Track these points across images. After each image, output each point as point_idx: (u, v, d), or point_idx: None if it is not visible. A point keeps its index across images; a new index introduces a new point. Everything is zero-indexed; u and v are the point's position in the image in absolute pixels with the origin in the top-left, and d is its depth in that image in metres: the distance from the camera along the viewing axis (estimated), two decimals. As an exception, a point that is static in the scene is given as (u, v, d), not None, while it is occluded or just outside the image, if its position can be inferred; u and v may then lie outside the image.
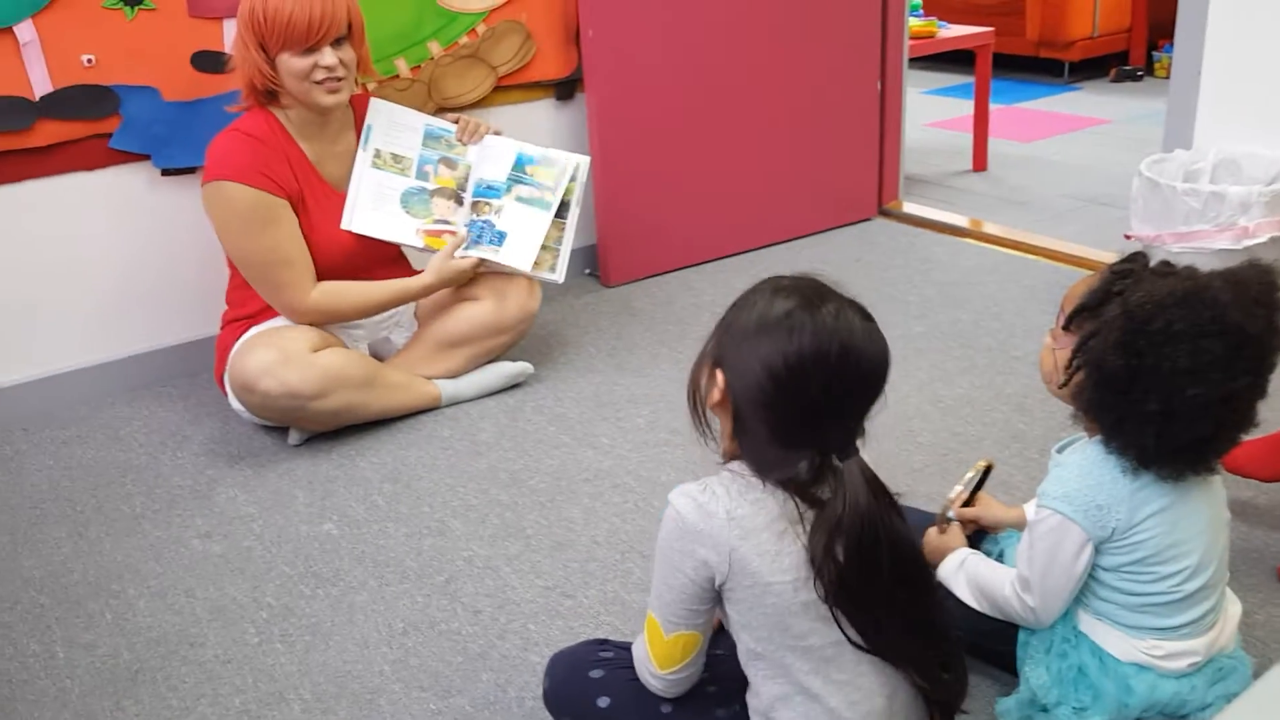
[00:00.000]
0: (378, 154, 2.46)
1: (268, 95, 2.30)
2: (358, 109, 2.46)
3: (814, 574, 1.20)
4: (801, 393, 1.18)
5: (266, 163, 2.27)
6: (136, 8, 2.49)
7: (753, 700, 1.33)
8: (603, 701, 1.41)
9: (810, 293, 1.22)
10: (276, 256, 2.31)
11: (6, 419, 2.62)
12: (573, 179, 2.55)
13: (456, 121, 2.55)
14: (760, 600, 1.23)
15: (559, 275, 2.55)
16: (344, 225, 2.41)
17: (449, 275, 2.45)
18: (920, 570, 1.29)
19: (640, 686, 1.38)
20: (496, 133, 2.57)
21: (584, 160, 2.58)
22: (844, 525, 1.19)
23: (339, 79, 2.27)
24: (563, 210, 2.55)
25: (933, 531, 1.65)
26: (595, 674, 1.43)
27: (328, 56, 2.23)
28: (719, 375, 1.25)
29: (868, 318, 1.22)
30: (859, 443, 1.24)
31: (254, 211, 2.27)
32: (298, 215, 2.34)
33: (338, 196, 2.41)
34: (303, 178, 2.34)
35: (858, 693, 1.26)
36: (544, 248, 2.51)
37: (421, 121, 2.53)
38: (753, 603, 1.24)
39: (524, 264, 2.47)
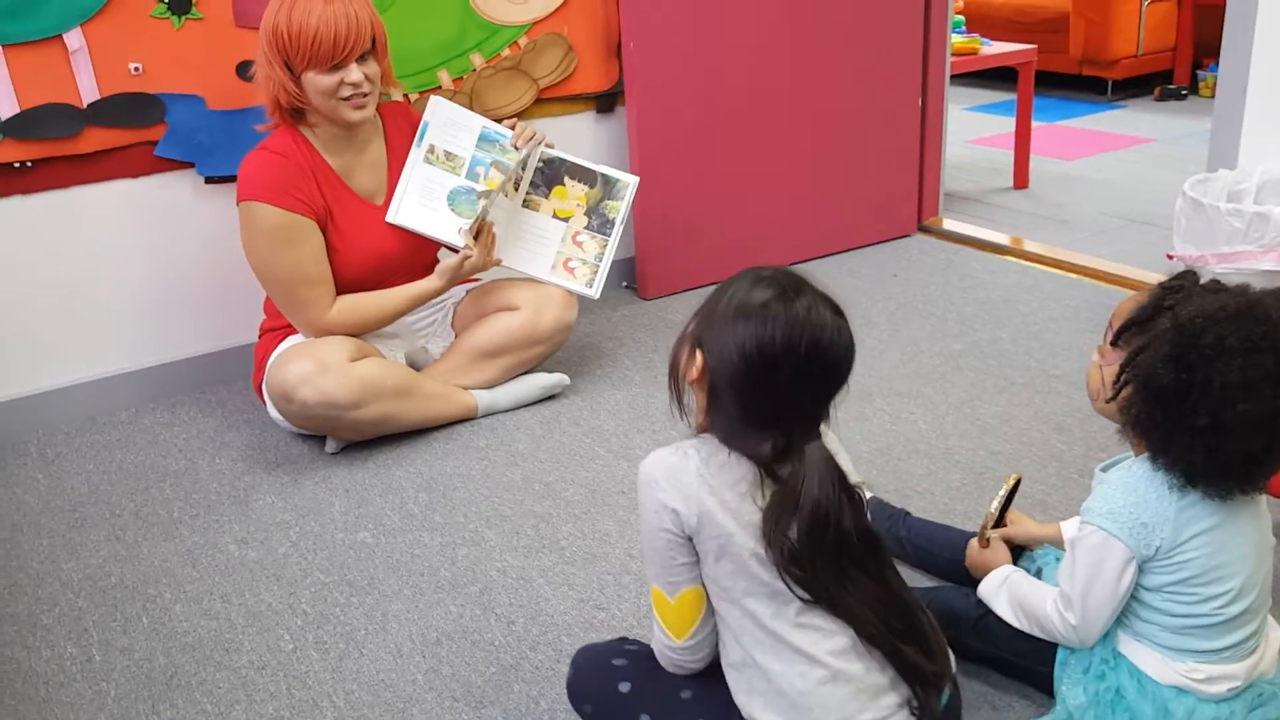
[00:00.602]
0: (431, 150, 2.48)
1: (294, 112, 2.31)
2: (385, 117, 2.48)
3: (765, 543, 1.28)
4: (771, 378, 1.26)
5: (293, 181, 2.29)
6: (184, 17, 2.52)
7: (724, 657, 1.40)
8: (624, 686, 1.44)
9: (787, 285, 1.29)
10: (299, 275, 2.33)
11: (49, 422, 2.65)
12: (621, 198, 2.58)
13: (513, 127, 2.56)
14: (725, 549, 1.30)
15: (595, 291, 2.56)
16: (389, 218, 2.42)
17: (458, 277, 2.46)
18: (874, 554, 1.33)
19: (662, 672, 1.42)
20: (549, 145, 2.58)
21: (634, 181, 2.61)
22: (798, 504, 1.27)
23: (365, 94, 2.28)
24: (606, 227, 2.56)
25: (974, 545, 1.64)
26: (618, 662, 1.47)
27: (354, 73, 2.24)
28: (698, 355, 1.32)
29: (838, 313, 1.29)
30: (823, 428, 1.33)
31: (279, 231, 2.29)
32: (326, 230, 2.36)
33: (369, 207, 2.43)
34: (330, 193, 2.36)
35: (817, 633, 1.31)
36: (583, 262, 2.53)
37: (479, 123, 2.54)
38: (718, 552, 1.30)
39: (542, 272, 2.54)
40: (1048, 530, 1.68)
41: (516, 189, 2.57)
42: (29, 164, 2.47)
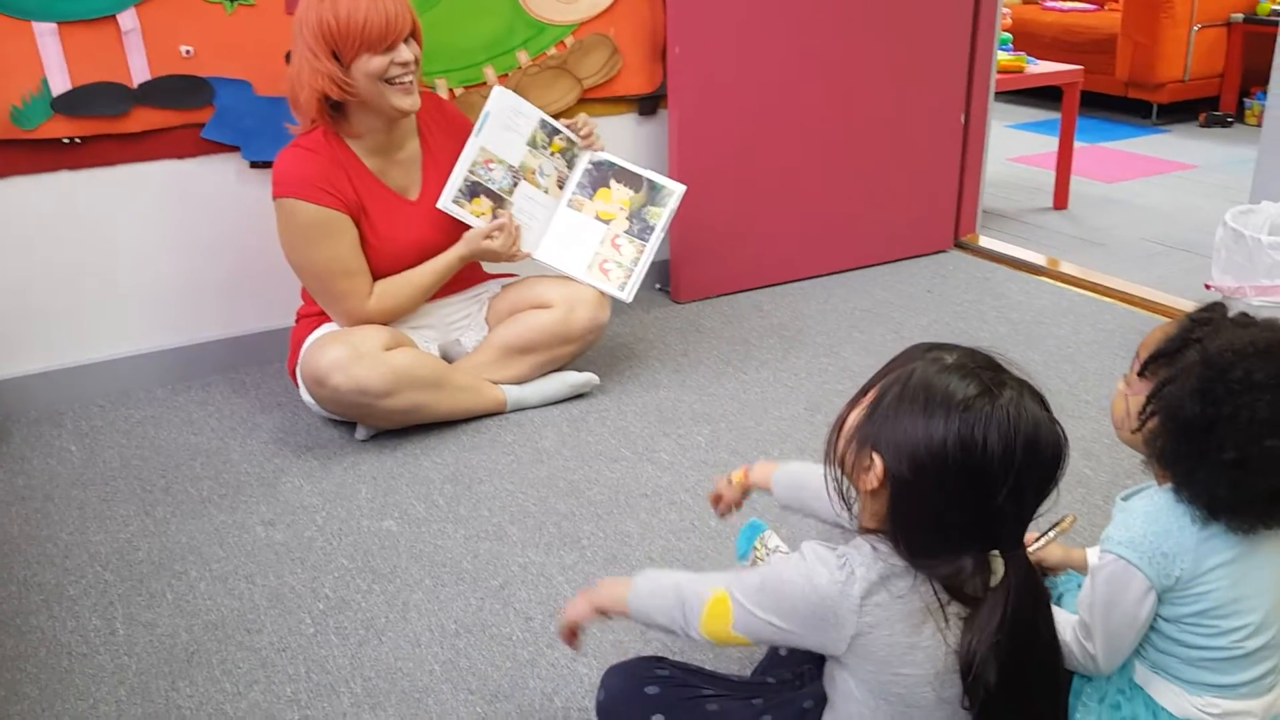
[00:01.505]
0: (483, 150, 2.50)
1: (333, 110, 2.33)
2: (419, 112, 2.47)
3: (964, 678, 1.13)
4: (982, 494, 1.09)
5: (325, 177, 2.32)
6: (235, 2, 2.55)
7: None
8: (658, 719, 1.39)
9: (987, 377, 1.13)
10: (336, 268, 2.36)
11: (86, 395, 2.69)
12: (665, 205, 2.61)
13: (571, 125, 2.60)
14: (885, 688, 1.18)
15: (628, 295, 2.58)
16: (439, 204, 2.45)
17: (479, 251, 2.48)
18: (1058, 675, 1.22)
19: (694, 707, 1.38)
20: (599, 149, 2.63)
21: (680, 189, 2.63)
22: (1004, 630, 1.11)
23: (411, 77, 2.32)
24: (645, 233, 2.58)
25: None
26: (651, 690, 1.41)
27: (404, 53, 2.28)
28: (876, 460, 1.14)
29: (1046, 406, 1.15)
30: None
31: (314, 227, 2.32)
32: (360, 225, 2.38)
33: (403, 201, 2.45)
34: (364, 189, 2.38)
35: None
36: (619, 265, 2.55)
37: (538, 115, 2.57)
38: (873, 685, 1.19)
39: (577, 271, 2.57)
40: (1075, 556, 1.67)
41: (562, 188, 2.59)
42: (78, 140, 2.51)
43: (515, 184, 2.54)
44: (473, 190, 2.49)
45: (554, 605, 1.88)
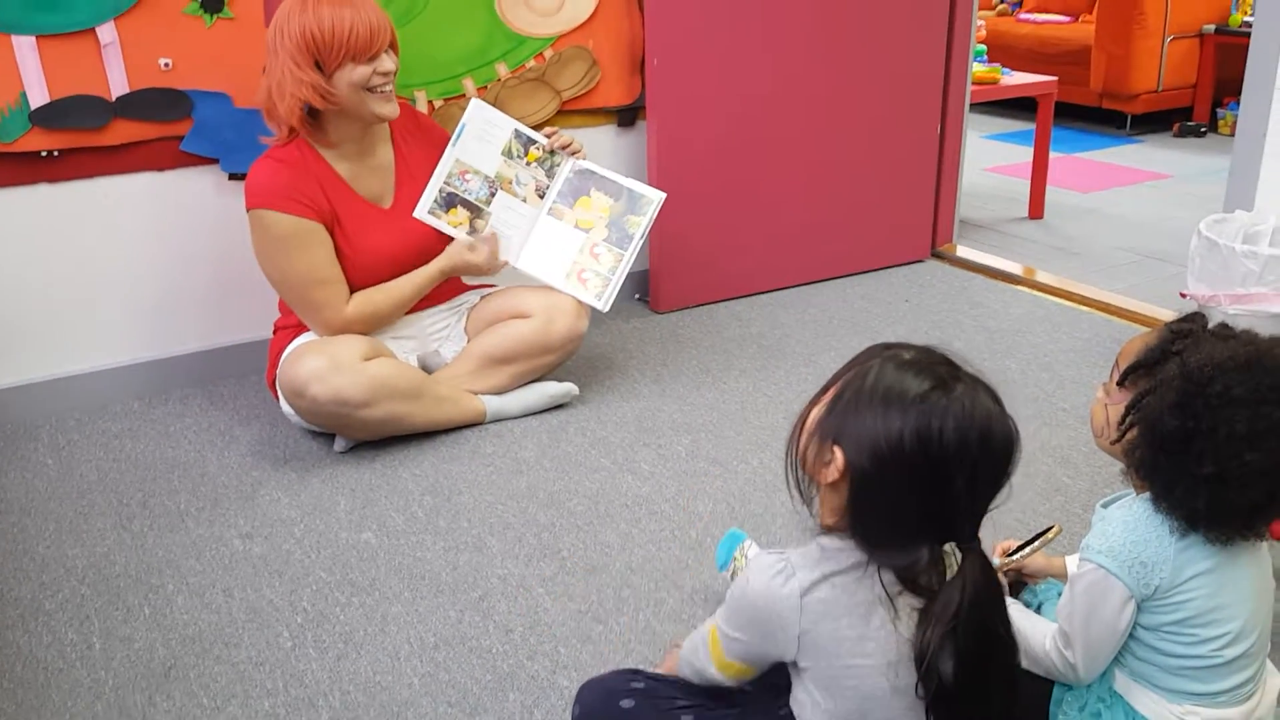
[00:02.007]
0: (458, 162, 2.53)
1: (310, 119, 2.33)
2: (392, 124, 2.50)
3: (918, 667, 1.15)
4: (938, 483, 1.12)
5: (298, 187, 2.32)
6: (215, 16, 2.55)
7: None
8: None
9: (941, 368, 1.16)
10: (311, 278, 2.36)
11: (62, 409, 2.67)
12: (644, 214, 2.62)
13: (549, 136, 2.61)
14: (838, 680, 1.20)
15: (605, 304, 2.58)
16: (415, 213, 2.48)
17: (460, 264, 2.50)
18: (1014, 671, 1.23)
19: (673, 715, 1.38)
20: (581, 157, 2.63)
21: (660, 197, 2.64)
22: (960, 620, 1.13)
23: (391, 85, 2.34)
24: (624, 241, 2.59)
25: None
26: (626, 704, 1.41)
27: (386, 62, 2.31)
28: (837, 452, 1.16)
29: (998, 400, 1.17)
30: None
31: (289, 237, 2.32)
32: (334, 234, 2.38)
33: (376, 210, 2.45)
34: (336, 198, 2.38)
35: None
36: (597, 274, 2.56)
37: (512, 125, 2.58)
38: (827, 682, 1.21)
39: (556, 280, 2.56)
40: (1054, 564, 1.68)
41: (542, 197, 2.60)
42: (56, 153, 2.50)
43: (492, 194, 2.55)
44: (449, 201, 2.52)
45: (533, 617, 1.88)
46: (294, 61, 2.25)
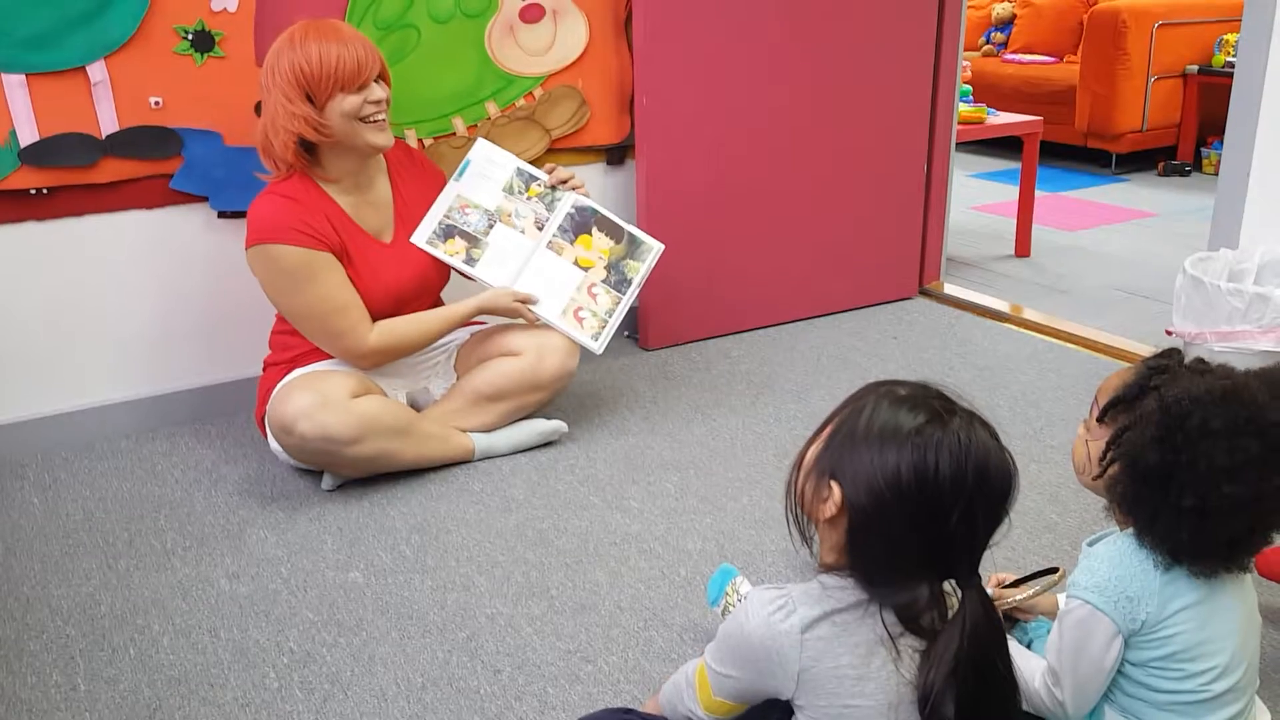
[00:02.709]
0: (459, 197, 2.58)
1: (306, 152, 2.35)
2: (389, 156, 2.53)
3: (922, 710, 1.15)
4: (935, 518, 1.12)
5: (305, 220, 2.32)
6: (206, 55, 2.56)
7: None
8: None
9: (938, 406, 1.17)
10: (330, 306, 2.36)
11: (48, 447, 2.66)
12: (643, 260, 2.65)
13: (550, 172, 2.65)
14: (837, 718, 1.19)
15: (599, 346, 2.59)
16: (413, 239, 2.51)
17: (493, 307, 2.54)
18: (1016, 711, 1.23)
19: None
20: (585, 193, 2.67)
21: (659, 247, 2.67)
22: (961, 661, 1.13)
23: (384, 115, 2.36)
24: (623, 285, 2.61)
25: None
26: None
27: (376, 91, 2.32)
28: (834, 488, 1.17)
29: (995, 435, 1.18)
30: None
31: (301, 268, 2.32)
32: (343, 266, 2.39)
33: (378, 244, 2.46)
34: (343, 230, 2.39)
35: None
36: (594, 314, 2.57)
37: (514, 163, 2.64)
38: (828, 717, 1.20)
39: (552, 315, 2.58)
40: (1046, 602, 1.68)
41: (541, 230, 2.61)
42: (45, 191, 2.50)
43: (491, 225, 2.58)
44: (447, 232, 2.55)
45: (522, 657, 1.87)
46: (285, 96, 2.27)
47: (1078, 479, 1.52)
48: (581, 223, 2.64)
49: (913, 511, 1.13)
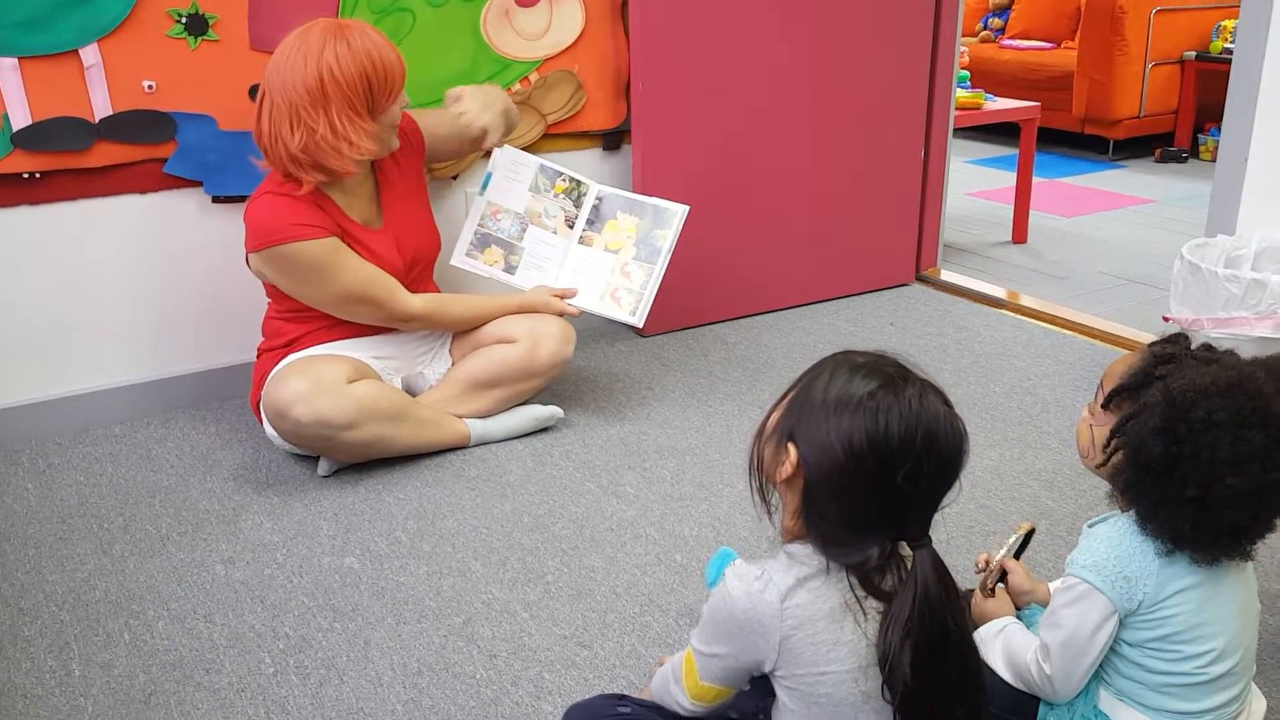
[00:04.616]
0: (489, 204, 2.68)
1: (318, 166, 2.28)
2: None
3: (882, 670, 1.18)
4: (884, 477, 1.16)
5: (307, 214, 2.30)
6: (200, 38, 2.55)
7: None
8: None
9: (891, 371, 1.20)
10: (364, 279, 2.38)
11: (43, 432, 2.65)
12: (669, 226, 2.69)
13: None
14: (813, 689, 1.22)
15: (639, 319, 2.64)
16: (453, 261, 2.68)
17: (535, 304, 2.60)
18: (978, 670, 1.25)
19: None
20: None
21: (683, 210, 2.69)
22: (914, 619, 1.16)
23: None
24: (653, 256, 2.66)
25: (977, 595, 1.64)
26: None
27: (404, 95, 2.35)
28: (791, 450, 1.21)
29: (947, 402, 1.21)
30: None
31: (323, 257, 2.31)
32: None
33: (372, 232, 2.45)
34: (339, 220, 2.38)
35: None
36: (629, 291, 2.64)
37: (537, 161, 2.70)
38: (804, 690, 1.23)
39: (590, 304, 2.65)
40: (1039, 589, 1.68)
41: (571, 227, 2.67)
42: (38, 175, 2.49)
43: (524, 229, 2.67)
44: (484, 241, 2.66)
45: (518, 642, 1.86)
46: (352, 109, 2.24)
47: (1081, 462, 1.52)
48: (606, 212, 2.70)
49: (864, 472, 1.16)
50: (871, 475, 1.16)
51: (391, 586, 2.03)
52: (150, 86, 2.53)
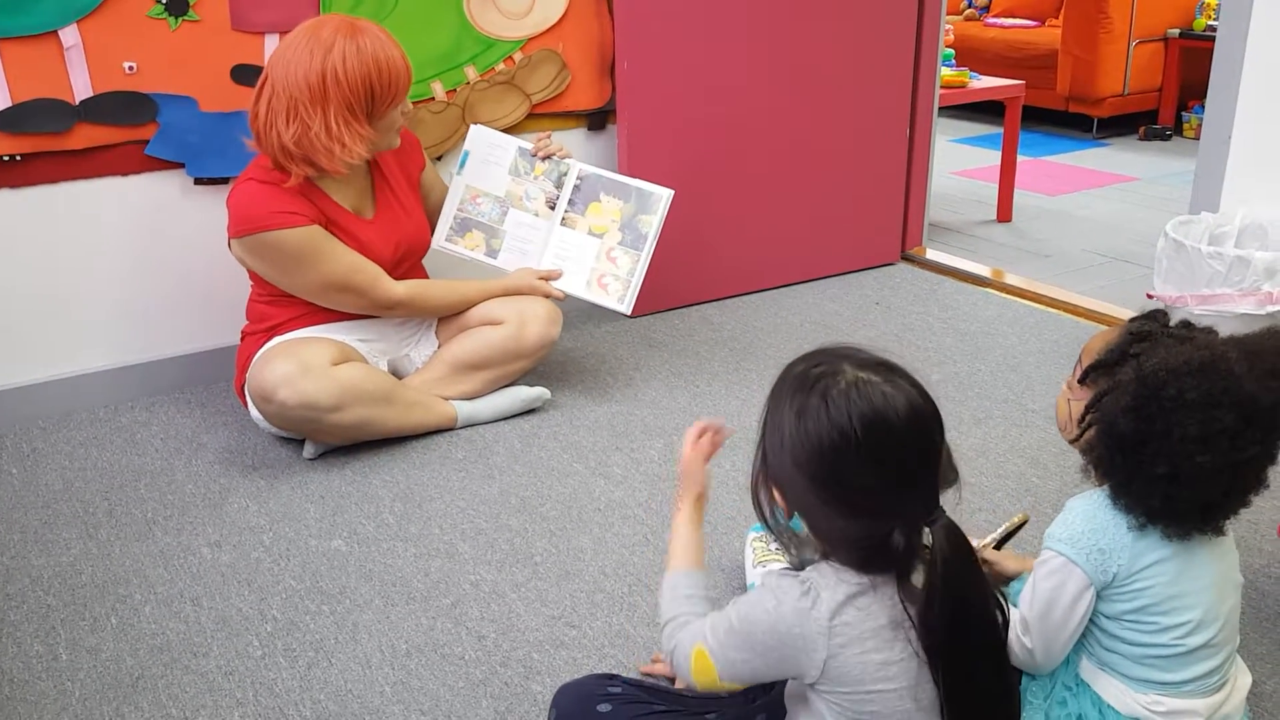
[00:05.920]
0: (468, 188, 2.66)
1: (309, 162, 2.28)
2: None
3: (929, 659, 1.18)
4: (843, 476, 1.15)
5: (290, 202, 2.29)
6: (180, 18, 2.53)
7: None
8: None
9: (823, 367, 1.19)
10: (346, 267, 2.37)
11: (26, 417, 2.64)
12: (654, 211, 2.66)
13: (539, 140, 2.68)
14: (859, 706, 1.19)
15: (627, 307, 2.63)
16: (434, 245, 2.62)
17: (520, 286, 2.59)
18: (1000, 641, 1.25)
19: None
20: (565, 156, 2.69)
21: (668, 194, 2.66)
22: (938, 592, 1.16)
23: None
24: (639, 242, 2.63)
25: None
26: (603, 708, 1.41)
27: (407, 101, 2.36)
28: (773, 487, 1.23)
29: (891, 369, 1.19)
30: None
31: (305, 244, 2.30)
32: None
33: (362, 221, 2.44)
34: (326, 209, 2.36)
35: None
36: (616, 278, 2.62)
37: (515, 143, 2.68)
38: (849, 706, 1.20)
39: (577, 289, 2.64)
40: (1027, 564, 1.69)
41: (553, 208, 2.64)
42: (18, 158, 2.47)
43: (505, 213, 2.64)
44: (464, 226, 2.63)
45: (506, 623, 1.87)
46: (349, 111, 2.23)
47: (1061, 434, 1.53)
48: (589, 192, 2.66)
49: (825, 480, 1.16)
50: (833, 480, 1.16)
51: (379, 569, 2.03)
52: (131, 68, 2.51)
